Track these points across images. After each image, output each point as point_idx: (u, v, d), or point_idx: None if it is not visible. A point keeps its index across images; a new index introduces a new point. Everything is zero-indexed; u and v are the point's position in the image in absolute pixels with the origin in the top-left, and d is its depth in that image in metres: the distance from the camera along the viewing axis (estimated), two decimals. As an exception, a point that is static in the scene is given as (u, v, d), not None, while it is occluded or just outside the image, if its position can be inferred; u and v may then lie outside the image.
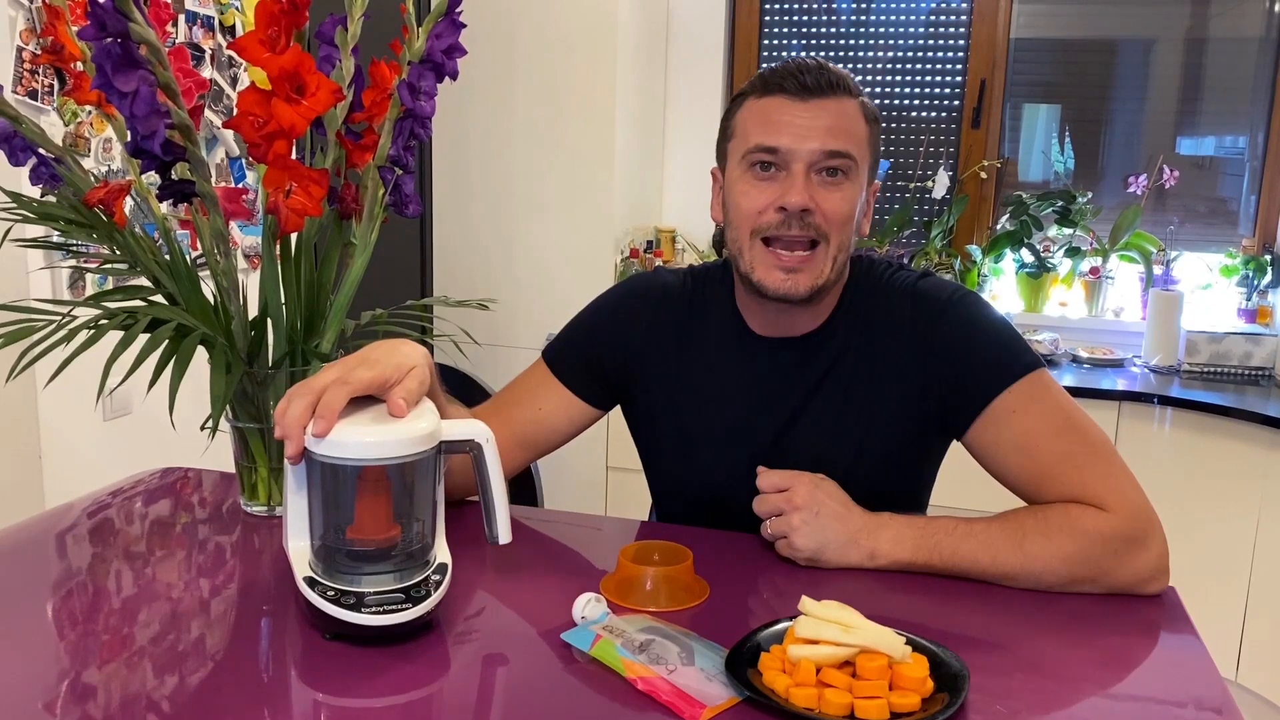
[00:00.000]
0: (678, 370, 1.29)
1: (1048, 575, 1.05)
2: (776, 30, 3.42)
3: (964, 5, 3.23)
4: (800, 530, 1.08)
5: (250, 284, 1.13)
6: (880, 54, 3.33)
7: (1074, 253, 3.14)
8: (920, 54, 3.30)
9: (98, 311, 1.08)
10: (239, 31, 2.37)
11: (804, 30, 3.39)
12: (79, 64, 1.13)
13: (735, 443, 1.25)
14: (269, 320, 1.17)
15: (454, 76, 1.16)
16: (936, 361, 1.18)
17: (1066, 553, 1.05)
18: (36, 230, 1.70)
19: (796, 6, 3.38)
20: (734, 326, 1.27)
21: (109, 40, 0.95)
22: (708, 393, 1.27)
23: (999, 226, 3.23)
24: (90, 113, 1.98)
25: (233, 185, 2.38)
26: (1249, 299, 2.97)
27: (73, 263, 1.87)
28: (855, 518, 1.09)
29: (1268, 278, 2.95)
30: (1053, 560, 1.05)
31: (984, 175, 3.22)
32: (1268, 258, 2.97)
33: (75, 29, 1.10)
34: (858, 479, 1.15)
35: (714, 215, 1.26)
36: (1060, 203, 3.11)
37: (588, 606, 0.92)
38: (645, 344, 1.30)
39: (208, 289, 1.16)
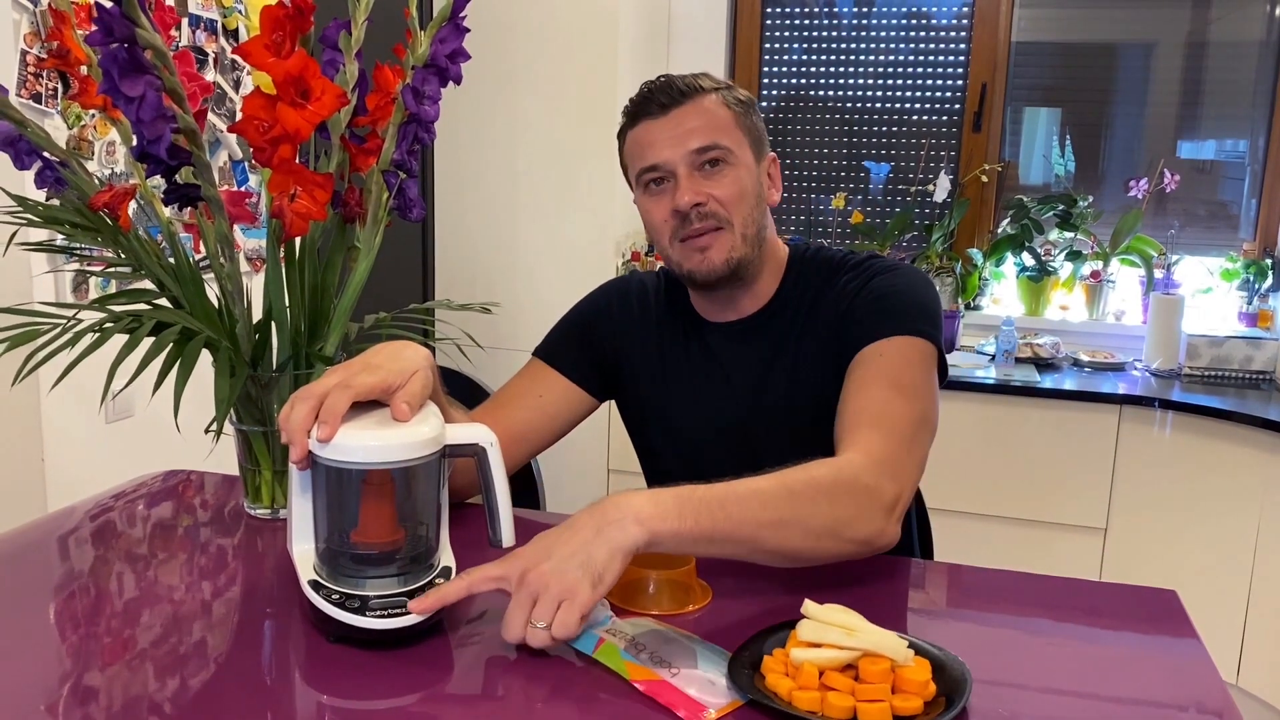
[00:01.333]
0: (657, 359, 1.38)
1: (811, 517, 0.98)
2: (778, 34, 3.42)
3: (965, 9, 3.23)
4: (557, 572, 0.86)
5: (254, 287, 1.14)
6: (881, 57, 3.33)
7: (1075, 256, 3.14)
8: (921, 57, 3.31)
9: (102, 315, 1.09)
10: (242, 35, 2.38)
11: (805, 33, 3.39)
12: (85, 68, 1.14)
13: (711, 423, 1.34)
14: (273, 323, 1.17)
15: (458, 81, 1.16)
16: (848, 318, 1.25)
17: (816, 475, 1.00)
18: (41, 234, 1.70)
19: (798, 10, 3.38)
20: (692, 319, 1.38)
21: (115, 45, 0.96)
22: (680, 377, 1.36)
23: (1000, 230, 3.23)
24: (94, 116, 1.99)
25: (235, 189, 2.39)
26: (1250, 303, 2.97)
27: (77, 266, 1.87)
28: (587, 513, 0.91)
29: (1268, 281, 2.95)
30: (813, 491, 0.98)
31: (985, 179, 3.23)
32: (1268, 261, 2.97)
33: (81, 33, 1.10)
34: (825, 446, 1.15)
35: (648, 238, 1.37)
36: (1061, 206, 3.12)
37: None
38: (631, 336, 1.39)
39: (212, 292, 1.16)
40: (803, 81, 3.42)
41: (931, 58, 3.30)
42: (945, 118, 3.31)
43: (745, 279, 1.30)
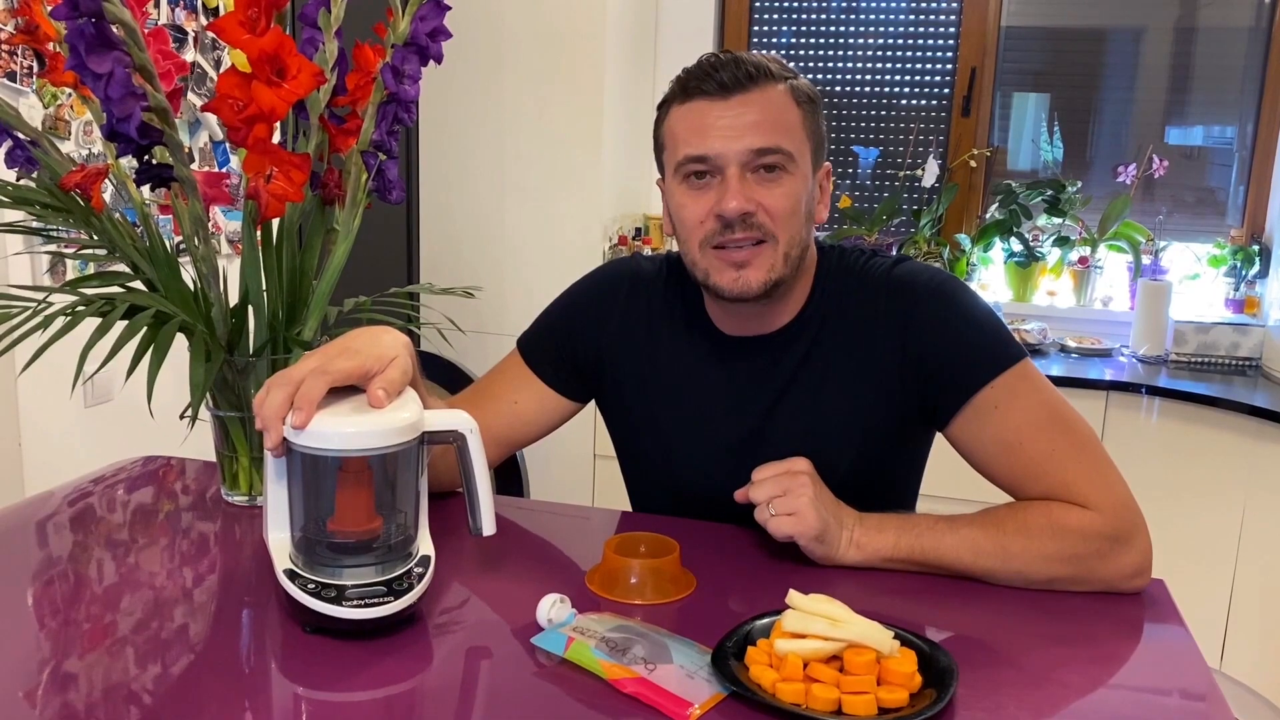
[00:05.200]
0: (650, 364, 1.26)
1: (1029, 573, 1.03)
2: (766, 17, 3.39)
3: (955, -8, 3.21)
4: (813, 505, 1.03)
5: (233, 270, 1.12)
6: (870, 41, 3.31)
7: (1063, 242, 3.13)
8: (910, 42, 3.29)
9: (74, 298, 1.06)
10: (223, 14, 2.34)
11: (794, 16, 3.37)
12: (54, 44, 1.11)
13: (709, 441, 1.23)
14: (250, 307, 1.15)
15: (438, 60, 1.14)
16: (915, 353, 1.15)
17: (1048, 551, 1.03)
18: (14, 215, 1.67)
19: (787, -8, 3.36)
20: (703, 327, 1.24)
21: (82, 20, 0.93)
22: (680, 389, 1.24)
23: (988, 215, 3.22)
24: (70, 95, 1.96)
25: (216, 170, 2.36)
26: (1236, 289, 2.97)
27: (51, 248, 1.84)
28: (841, 504, 1.08)
29: (1255, 268, 2.96)
30: (1034, 559, 1.03)
31: (973, 164, 3.21)
32: (1255, 248, 2.97)
33: (49, 8, 1.07)
34: (840, 472, 1.12)
35: (665, 228, 1.22)
36: (1049, 192, 3.11)
37: (553, 609, 0.90)
38: (618, 336, 1.27)
39: (189, 275, 1.14)
40: (792, 65, 3.39)
41: (921, 42, 3.28)
42: (934, 102, 3.29)
43: (776, 298, 1.16)
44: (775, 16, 3.39)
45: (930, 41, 3.27)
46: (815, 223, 1.18)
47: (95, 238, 1.13)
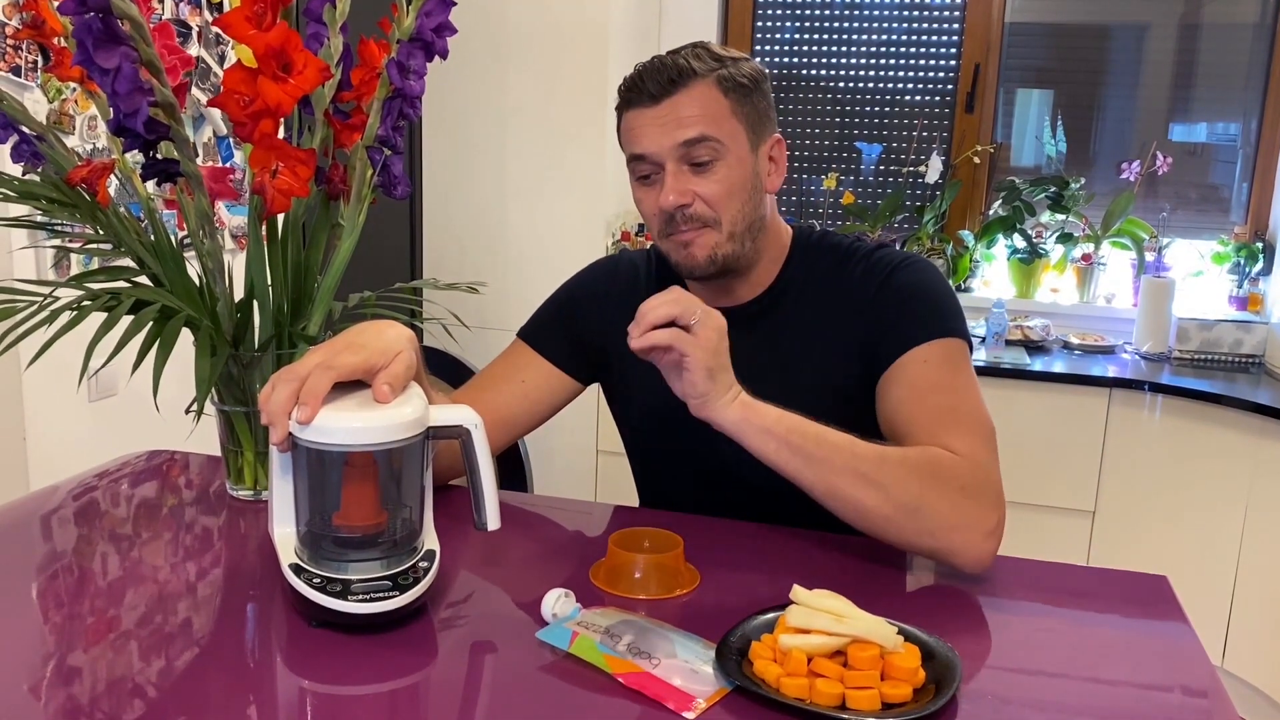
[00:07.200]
0: None
1: (897, 489, 1.04)
2: (770, 12, 3.39)
3: (959, -12, 3.21)
4: (704, 343, 1.03)
5: (237, 265, 1.12)
6: (874, 37, 3.31)
7: (1066, 239, 3.13)
8: (914, 38, 3.28)
9: (80, 292, 1.07)
10: (227, 9, 2.34)
11: (798, 12, 3.36)
12: (60, 39, 1.11)
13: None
14: (255, 302, 1.15)
15: (444, 55, 1.14)
16: (875, 315, 1.22)
17: (917, 464, 1.06)
18: (20, 209, 1.67)
19: (790, -12, 3.36)
20: None
21: (90, 15, 0.93)
22: None
23: (991, 212, 3.22)
24: (74, 89, 1.96)
25: (220, 164, 2.36)
26: (1240, 286, 2.97)
27: (57, 243, 1.85)
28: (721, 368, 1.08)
29: (1259, 265, 2.95)
30: (903, 470, 1.05)
31: (977, 160, 3.21)
32: (1259, 245, 2.97)
33: (56, 3, 1.07)
34: None
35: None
36: (1053, 188, 3.11)
37: (558, 603, 0.90)
38: (620, 319, 1.30)
39: (194, 270, 1.14)
40: (795, 61, 3.39)
41: (924, 38, 3.28)
42: (938, 98, 3.29)
43: (737, 270, 1.25)
44: (778, 12, 3.38)
45: (934, 37, 3.27)
46: (769, 191, 1.26)
47: (101, 232, 1.14)
